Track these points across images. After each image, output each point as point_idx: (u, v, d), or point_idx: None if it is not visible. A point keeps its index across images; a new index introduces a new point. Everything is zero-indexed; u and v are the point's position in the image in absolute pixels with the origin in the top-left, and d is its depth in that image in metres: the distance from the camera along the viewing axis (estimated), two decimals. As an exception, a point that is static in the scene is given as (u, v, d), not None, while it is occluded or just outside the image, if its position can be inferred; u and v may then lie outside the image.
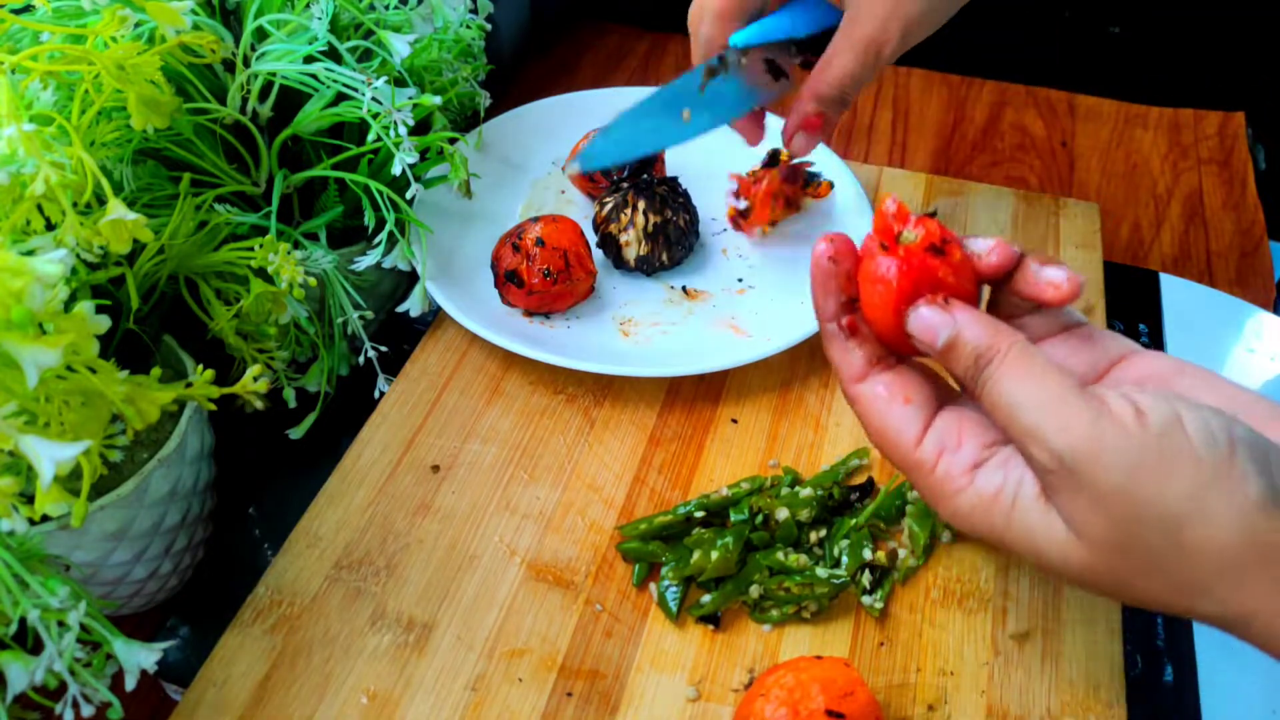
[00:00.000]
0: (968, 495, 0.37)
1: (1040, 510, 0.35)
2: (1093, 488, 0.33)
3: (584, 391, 0.61)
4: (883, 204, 0.40)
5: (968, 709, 0.47)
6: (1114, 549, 0.34)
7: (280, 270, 0.51)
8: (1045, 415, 0.34)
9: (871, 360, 0.41)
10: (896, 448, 0.39)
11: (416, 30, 0.61)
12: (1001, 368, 0.36)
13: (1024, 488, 0.36)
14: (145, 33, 0.49)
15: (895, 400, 0.39)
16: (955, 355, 0.37)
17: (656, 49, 0.95)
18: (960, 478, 0.37)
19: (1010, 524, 0.36)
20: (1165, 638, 0.52)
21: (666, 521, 0.53)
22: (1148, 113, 0.87)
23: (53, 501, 0.36)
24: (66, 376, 0.38)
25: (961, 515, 0.37)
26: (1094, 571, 0.35)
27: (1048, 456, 0.34)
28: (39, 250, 0.41)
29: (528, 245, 0.61)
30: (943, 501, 0.38)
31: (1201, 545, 0.33)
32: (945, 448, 0.38)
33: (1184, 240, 0.77)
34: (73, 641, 0.38)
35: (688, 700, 0.48)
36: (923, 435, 0.38)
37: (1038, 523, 0.35)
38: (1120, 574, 0.35)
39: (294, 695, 0.47)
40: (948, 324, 0.37)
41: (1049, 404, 0.34)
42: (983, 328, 0.37)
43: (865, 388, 0.40)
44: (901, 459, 0.39)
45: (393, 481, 0.56)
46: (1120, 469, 0.33)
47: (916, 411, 0.39)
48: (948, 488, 0.37)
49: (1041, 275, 0.39)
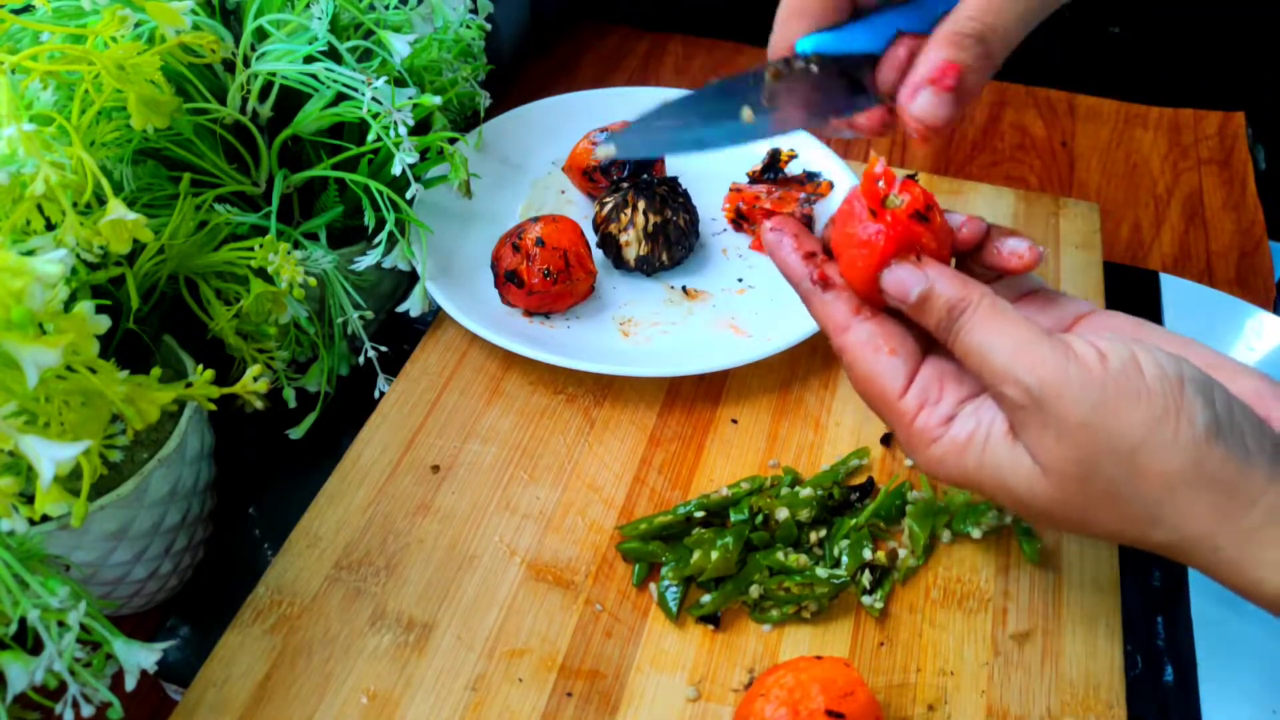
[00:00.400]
0: (942, 443, 0.39)
1: (1008, 448, 0.38)
2: (1060, 422, 0.36)
3: (584, 391, 0.61)
4: (871, 166, 0.41)
5: (968, 709, 0.47)
6: (1076, 480, 0.36)
7: (280, 270, 0.51)
8: (1016, 357, 0.37)
9: (853, 310, 0.42)
10: (881, 397, 0.41)
11: (416, 30, 0.61)
12: (974, 317, 0.38)
13: (994, 429, 0.39)
14: (145, 33, 0.49)
15: (881, 351, 0.41)
16: (928, 308, 0.39)
17: (656, 49, 0.95)
18: (937, 429, 0.40)
19: (982, 464, 0.39)
20: (1165, 638, 0.52)
21: (666, 521, 0.53)
22: (1148, 113, 0.87)
23: (53, 501, 0.36)
24: (66, 376, 0.38)
25: (935, 460, 0.40)
26: (1057, 502, 0.37)
27: (1019, 393, 0.36)
28: (39, 250, 0.41)
29: (528, 245, 0.61)
30: (919, 450, 0.40)
31: (1154, 471, 0.35)
32: (926, 401, 0.40)
33: (1184, 240, 0.77)
34: (73, 641, 0.38)
35: (688, 700, 0.48)
36: (906, 388, 0.41)
37: (1005, 459, 0.38)
38: (1081, 504, 0.37)
39: (294, 695, 0.47)
40: (920, 280, 0.39)
41: (1019, 347, 0.37)
42: (953, 282, 0.39)
43: (851, 337, 0.42)
44: (884, 408, 0.41)
45: (393, 481, 0.56)
46: (1085, 404, 0.35)
47: (901, 364, 0.41)
48: (925, 437, 0.40)
49: (1005, 246, 0.42)
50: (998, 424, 0.39)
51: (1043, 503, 0.38)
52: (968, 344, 0.38)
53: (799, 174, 0.71)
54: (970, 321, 0.38)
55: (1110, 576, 0.52)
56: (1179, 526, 0.36)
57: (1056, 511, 0.38)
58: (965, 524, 0.53)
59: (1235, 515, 0.35)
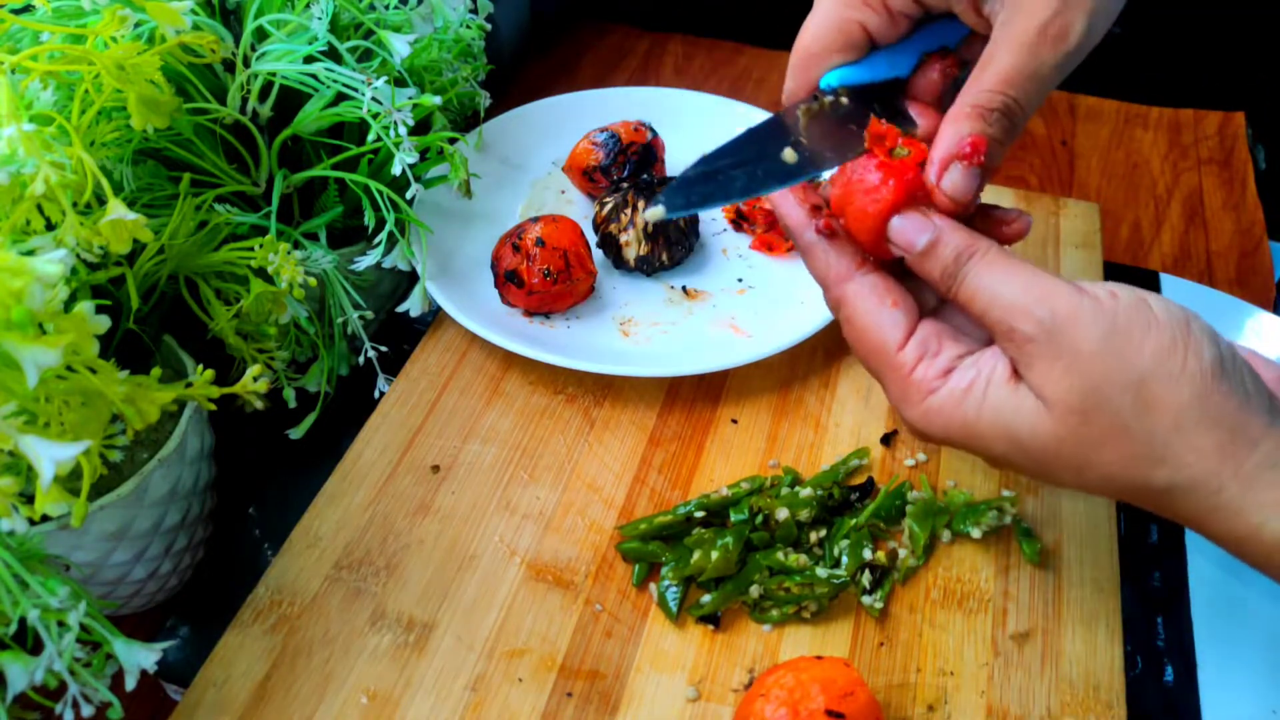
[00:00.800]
0: (940, 394, 0.39)
1: (1010, 391, 0.38)
2: (1071, 351, 0.36)
3: (584, 391, 0.61)
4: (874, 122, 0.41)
5: (968, 709, 0.47)
6: (1082, 414, 0.36)
7: (280, 270, 0.51)
8: (1028, 291, 0.37)
9: (856, 262, 0.42)
10: (878, 348, 0.41)
11: (416, 30, 0.61)
12: (982, 262, 0.39)
13: (995, 374, 0.39)
14: (145, 33, 0.49)
15: (884, 301, 0.41)
16: (935, 255, 0.39)
17: (656, 49, 0.95)
18: (935, 380, 0.40)
19: (981, 411, 0.39)
20: (1165, 638, 0.52)
21: (666, 521, 0.53)
22: (1148, 113, 0.87)
23: (53, 501, 0.36)
24: (66, 376, 0.38)
25: (933, 411, 0.40)
26: (1060, 441, 0.37)
27: (1031, 325, 0.37)
28: (39, 250, 0.41)
29: (528, 245, 0.61)
30: (913, 403, 0.40)
31: (1162, 404, 0.36)
32: (925, 353, 0.40)
33: (1184, 240, 0.77)
34: (73, 641, 0.38)
35: (688, 700, 0.48)
36: (905, 340, 0.41)
37: (1007, 402, 0.38)
38: (1085, 442, 0.37)
39: (294, 695, 0.47)
40: (929, 228, 0.39)
41: (1030, 283, 0.37)
42: (960, 230, 0.40)
43: (853, 286, 0.42)
44: (880, 360, 0.41)
45: (393, 481, 0.56)
46: (1096, 332, 0.36)
47: (902, 317, 0.41)
48: (923, 388, 0.40)
49: (995, 213, 0.42)
50: (999, 369, 0.39)
51: (1044, 443, 0.37)
52: (975, 286, 0.38)
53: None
54: (978, 266, 0.39)
55: (1110, 576, 0.52)
56: (1183, 466, 0.36)
57: (1061, 453, 0.37)
58: (965, 524, 0.53)
59: (1238, 455, 0.35)
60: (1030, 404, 0.38)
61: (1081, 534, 0.54)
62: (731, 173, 0.40)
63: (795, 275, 0.67)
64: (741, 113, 0.77)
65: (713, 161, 0.40)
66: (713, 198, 0.40)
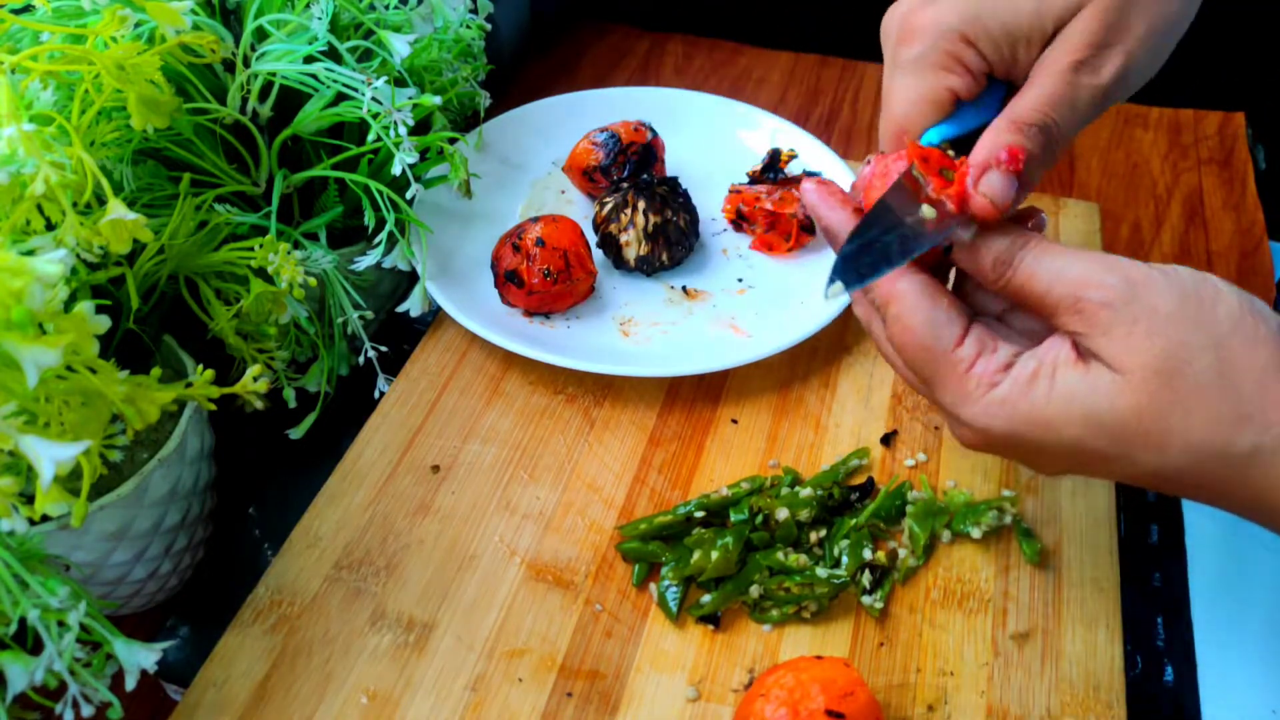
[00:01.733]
0: (1003, 387, 0.39)
1: (1081, 371, 0.38)
2: (1149, 313, 0.36)
3: (584, 391, 0.61)
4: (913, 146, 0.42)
5: (968, 709, 0.47)
6: (1164, 377, 0.36)
7: (280, 270, 0.51)
8: (1095, 264, 0.38)
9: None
10: (930, 347, 0.41)
11: (416, 30, 0.61)
12: (1039, 247, 0.39)
13: (1061, 358, 0.39)
14: (145, 33, 0.49)
15: (940, 301, 0.41)
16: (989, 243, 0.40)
17: (656, 49, 0.95)
18: (996, 374, 0.40)
19: (1051, 395, 0.38)
20: (1165, 638, 0.52)
21: (666, 521, 0.53)
22: (1148, 113, 0.87)
23: (53, 501, 0.36)
24: (66, 376, 0.38)
25: (994, 406, 0.39)
26: (1139, 412, 0.37)
27: (1106, 291, 0.37)
28: (39, 250, 0.41)
29: (528, 245, 0.61)
30: (971, 400, 0.40)
31: (1242, 361, 0.36)
32: (984, 349, 0.40)
33: (1184, 240, 0.77)
34: (73, 641, 0.38)
35: (688, 700, 0.48)
36: (962, 338, 0.40)
37: (1080, 382, 0.38)
38: (1167, 407, 0.36)
39: (294, 695, 0.47)
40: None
41: (1095, 258, 0.38)
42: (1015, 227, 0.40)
43: (902, 285, 0.41)
44: (932, 358, 0.41)
45: (393, 481, 0.56)
46: (1173, 295, 0.37)
47: (957, 315, 0.41)
48: (984, 382, 0.40)
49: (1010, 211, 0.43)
50: (1064, 353, 0.39)
51: (1124, 418, 0.37)
52: (1033, 268, 0.39)
53: (799, 174, 0.71)
54: (1035, 250, 0.39)
55: (1110, 576, 0.52)
56: (1270, 425, 0.35)
57: (1142, 425, 0.37)
58: (965, 524, 0.53)
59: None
60: (1106, 379, 0.37)
61: (1081, 534, 0.54)
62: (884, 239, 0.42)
63: (795, 275, 0.67)
64: (741, 113, 0.77)
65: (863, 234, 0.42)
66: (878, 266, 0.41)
